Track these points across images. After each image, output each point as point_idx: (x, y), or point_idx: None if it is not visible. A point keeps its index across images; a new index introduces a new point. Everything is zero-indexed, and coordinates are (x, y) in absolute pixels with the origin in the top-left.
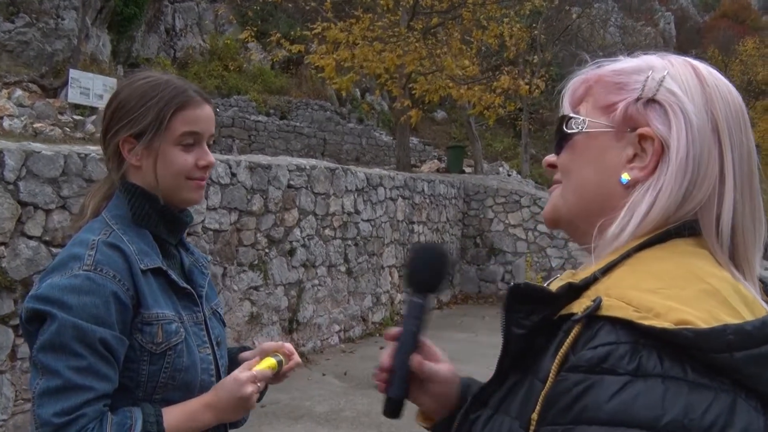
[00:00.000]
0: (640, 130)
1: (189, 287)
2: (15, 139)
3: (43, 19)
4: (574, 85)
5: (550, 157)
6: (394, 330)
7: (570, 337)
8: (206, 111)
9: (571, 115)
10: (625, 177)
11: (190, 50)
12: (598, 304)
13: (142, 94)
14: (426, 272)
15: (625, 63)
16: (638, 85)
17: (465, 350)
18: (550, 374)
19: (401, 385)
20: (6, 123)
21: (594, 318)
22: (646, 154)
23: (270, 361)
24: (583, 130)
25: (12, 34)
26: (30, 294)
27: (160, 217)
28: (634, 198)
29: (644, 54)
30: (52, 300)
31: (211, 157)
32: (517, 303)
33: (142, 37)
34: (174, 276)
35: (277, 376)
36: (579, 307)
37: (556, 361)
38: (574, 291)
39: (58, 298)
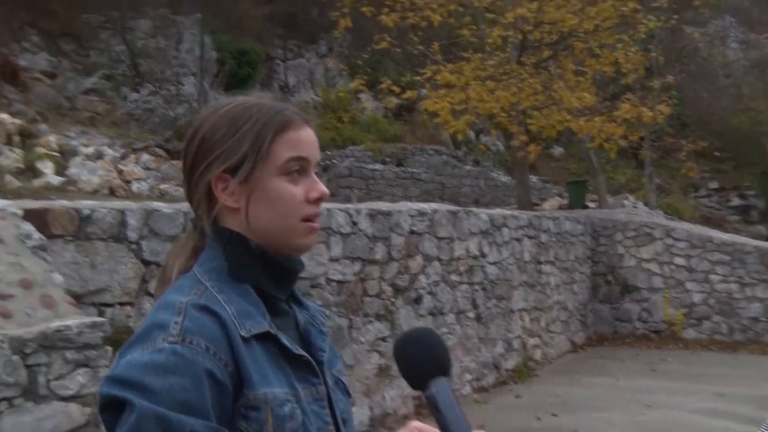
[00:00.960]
0: None
1: (306, 354)
2: (142, 201)
3: (165, 86)
4: None
5: None
6: None
7: None
8: (309, 133)
9: None
10: None
11: (304, 105)
12: None
13: (233, 120)
14: (414, 365)
15: None
16: None
17: (605, 396)
18: None
19: None
20: (134, 186)
21: None
22: None
23: None
24: None
25: (138, 103)
26: (106, 374)
27: (264, 267)
28: None
29: None
30: (131, 383)
31: (323, 186)
32: None
33: None
34: (285, 341)
35: None
36: None
37: None
38: None
39: (138, 380)
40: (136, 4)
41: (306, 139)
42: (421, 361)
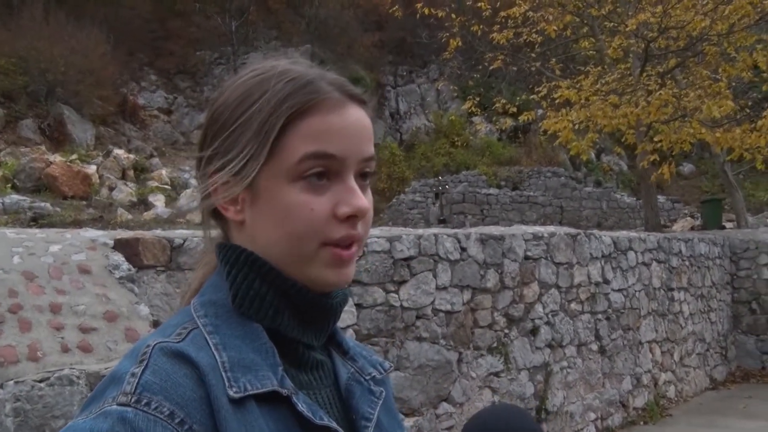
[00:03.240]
0: None
1: (333, 425)
2: None
3: None
4: None
5: None
6: None
7: None
8: (349, 117)
9: None
10: None
11: (416, 131)
12: None
13: (244, 96)
14: None
15: None
16: None
17: None
18: None
19: None
20: None
21: None
22: None
23: None
24: None
25: None
26: None
27: (283, 301)
28: None
29: None
30: None
31: (362, 198)
32: None
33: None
34: (302, 406)
35: None
36: None
37: None
38: None
39: None
40: (248, 39)
41: (340, 126)
42: None
